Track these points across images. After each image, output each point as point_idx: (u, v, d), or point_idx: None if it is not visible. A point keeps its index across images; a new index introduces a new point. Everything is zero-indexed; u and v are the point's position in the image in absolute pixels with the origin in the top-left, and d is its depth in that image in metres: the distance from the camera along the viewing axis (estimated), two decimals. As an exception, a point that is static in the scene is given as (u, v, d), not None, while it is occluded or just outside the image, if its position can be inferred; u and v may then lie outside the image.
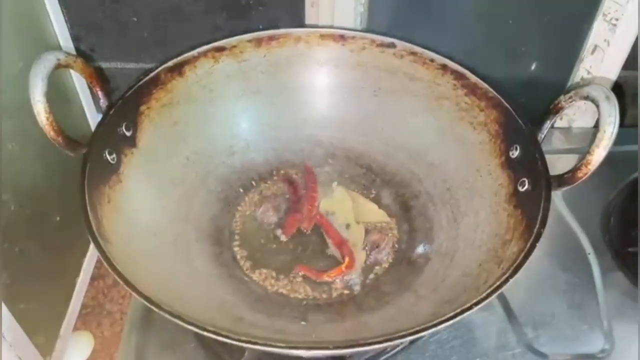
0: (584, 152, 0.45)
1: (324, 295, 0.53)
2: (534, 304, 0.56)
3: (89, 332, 0.67)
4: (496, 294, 0.41)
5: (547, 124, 0.51)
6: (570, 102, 0.49)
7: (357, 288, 0.54)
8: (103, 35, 0.65)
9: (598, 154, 0.44)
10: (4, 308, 0.52)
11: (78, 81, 0.66)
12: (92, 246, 0.70)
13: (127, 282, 0.41)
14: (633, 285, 0.57)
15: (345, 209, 0.59)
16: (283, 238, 0.57)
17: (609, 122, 0.44)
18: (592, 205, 0.64)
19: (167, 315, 0.39)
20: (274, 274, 0.55)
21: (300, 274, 0.54)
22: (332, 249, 0.56)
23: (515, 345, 0.53)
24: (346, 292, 0.53)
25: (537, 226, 0.44)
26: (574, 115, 0.72)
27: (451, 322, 0.39)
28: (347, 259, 0.54)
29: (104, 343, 0.66)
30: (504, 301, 0.55)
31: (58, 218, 0.63)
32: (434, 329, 0.38)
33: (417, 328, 0.38)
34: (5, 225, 0.53)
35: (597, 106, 0.45)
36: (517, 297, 0.56)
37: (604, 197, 0.64)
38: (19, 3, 0.56)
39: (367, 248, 0.56)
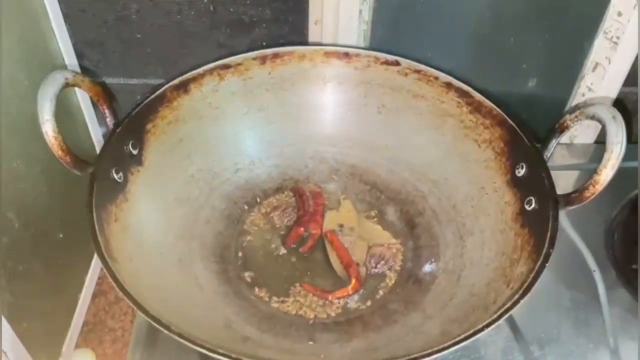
0: (586, 168, 0.45)
1: (331, 314, 0.53)
2: (540, 321, 0.55)
3: (90, 350, 0.66)
4: (507, 315, 0.41)
5: (553, 143, 0.51)
6: (576, 121, 0.49)
7: (357, 305, 0.53)
8: (107, 52, 0.65)
9: (606, 174, 0.44)
10: (7, 326, 0.52)
11: (82, 97, 0.66)
12: (93, 263, 0.70)
13: (136, 303, 0.41)
14: (637, 303, 0.57)
15: (350, 223, 0.59)
16: (283, 250, 0.57)
17: (616, 142, 0.44)
18: (596, 222, 0.63)
19: (175, 337, 0.39)
20: (279, 292, 0.54)
21: (305, 292, 0.54)
22: (336, 266, 0.56)
23: (522, 364, 0.53)
24: (351, 310, 0.53)
25: (546, 246, 0.44)
26: (576, 131, 0.73)
27: (463, 344, 0.39)
28: (353, 281, 0.54)
29: (106, 361, 0.66)
30: (510, 319, 0.55)
31: (61, 235, 0.62)
32: (445, 352, 0.38)
33: (429, 350, 0.38)
34: (9, 243, 0.52)
35: (604, 126, 0.45)
36: (523, 315, 0.55)
37: (608, 214, 0.64)
38: (25, 21, 0.56)
39: (371, 261, 0.56)
